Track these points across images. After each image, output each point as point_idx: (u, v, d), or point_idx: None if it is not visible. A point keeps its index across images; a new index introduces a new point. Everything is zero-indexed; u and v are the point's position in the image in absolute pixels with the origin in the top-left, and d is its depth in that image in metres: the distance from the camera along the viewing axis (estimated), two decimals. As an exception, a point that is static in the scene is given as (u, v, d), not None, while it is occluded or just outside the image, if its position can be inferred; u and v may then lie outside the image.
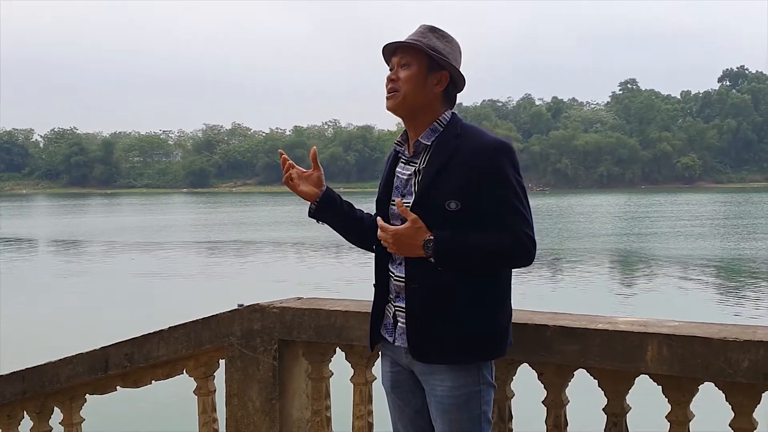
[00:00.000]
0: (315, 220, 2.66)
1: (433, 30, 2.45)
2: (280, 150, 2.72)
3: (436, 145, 2.41)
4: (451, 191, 2.32)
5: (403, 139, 2.52)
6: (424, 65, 2.40)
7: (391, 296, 2.49)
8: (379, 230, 2.38)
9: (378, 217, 2.44)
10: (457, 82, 2.46)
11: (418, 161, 2.44)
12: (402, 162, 2.50)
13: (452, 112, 2.47)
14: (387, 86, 2.44)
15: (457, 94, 2.49)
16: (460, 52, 2.48)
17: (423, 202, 2.36)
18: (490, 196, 2.31)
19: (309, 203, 2.61)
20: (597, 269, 24.34)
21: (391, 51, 2.46)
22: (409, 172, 2.45)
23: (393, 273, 2.47)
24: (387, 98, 2.45)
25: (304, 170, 2.61)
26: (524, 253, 2.32)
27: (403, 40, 2.43)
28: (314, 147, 2.66)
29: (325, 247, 31.13)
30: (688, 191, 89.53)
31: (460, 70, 2.45)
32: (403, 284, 2.43)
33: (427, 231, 2.31)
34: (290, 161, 2.60)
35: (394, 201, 2.45)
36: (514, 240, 2.31)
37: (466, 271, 2.36)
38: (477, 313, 2.35)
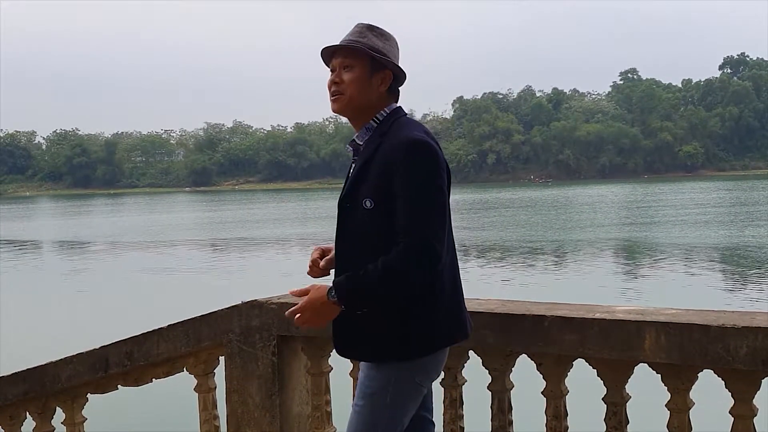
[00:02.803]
0: None
1: (371, 28, 2.43)
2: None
3: (366, 144, 2.42)
4: (367, 189, 2.33)
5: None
6: (367, 66, 2.40)
7: None
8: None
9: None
10: (398, 78, 2.46)
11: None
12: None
13: (398, 107, 2.46)
14: (330, 89, 2.43)
15: (400, 88, 2.48)
16: (398, 47, 2.48)
17: (347, 200, 2.40)
18: (397, 194, 2.27)
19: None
20: (601, 259, 24.29)
21: (330, 53, 2.44)
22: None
23: None
24: (331, 101, 2.44)
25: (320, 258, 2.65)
26: (416, 265, 2.22)
27: (342, 42, 2.42)
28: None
29: (328, 242, 31.12)
30: (691, 180, 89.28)
31: (399, 64, 2.45)
32: None
33: (326, 285, 2.33)
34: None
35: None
36: (404, 254, 2.22)
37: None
38: (387, 315, 2.33)
